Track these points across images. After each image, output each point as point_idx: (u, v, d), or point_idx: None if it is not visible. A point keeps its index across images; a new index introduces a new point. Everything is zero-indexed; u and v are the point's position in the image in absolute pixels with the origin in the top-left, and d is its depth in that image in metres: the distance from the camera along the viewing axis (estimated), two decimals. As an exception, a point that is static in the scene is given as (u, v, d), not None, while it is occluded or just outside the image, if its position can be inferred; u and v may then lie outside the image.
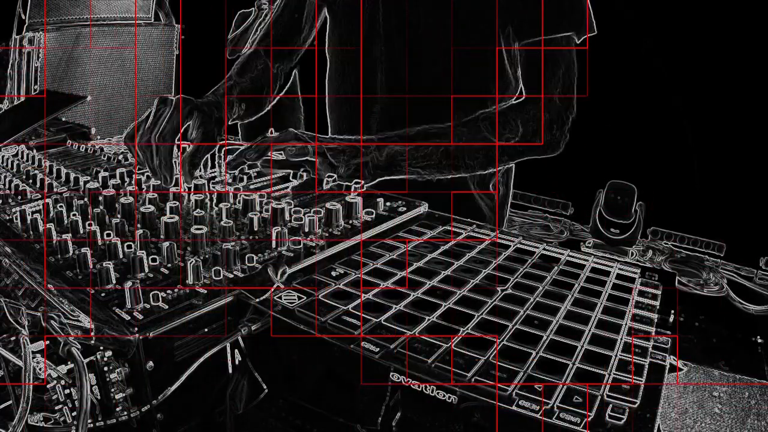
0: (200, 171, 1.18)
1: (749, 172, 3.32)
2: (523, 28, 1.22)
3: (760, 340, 2.78)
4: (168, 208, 0.92)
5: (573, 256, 0.88)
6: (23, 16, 3.68)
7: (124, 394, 0.61)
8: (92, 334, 0.62)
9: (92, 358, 0.60)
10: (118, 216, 0.91)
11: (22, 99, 2.80)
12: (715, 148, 3.38)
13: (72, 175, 1.12)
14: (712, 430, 2.08)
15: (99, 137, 1.62)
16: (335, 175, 1.13)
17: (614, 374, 0.58)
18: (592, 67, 1.26)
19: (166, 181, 1.04)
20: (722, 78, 3.31)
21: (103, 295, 0.69)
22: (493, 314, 0.69)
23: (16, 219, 0.91)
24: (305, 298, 0.70)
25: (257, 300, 0.69)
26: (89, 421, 0.57)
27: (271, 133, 1.13)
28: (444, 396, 0.54)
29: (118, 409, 0.61)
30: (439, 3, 1.25)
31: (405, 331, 0.63)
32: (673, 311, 0.73)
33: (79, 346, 0.59)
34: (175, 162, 1.05)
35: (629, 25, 3.35)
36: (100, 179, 1.08)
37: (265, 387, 0.68)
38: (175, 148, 1.05)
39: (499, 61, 1.28)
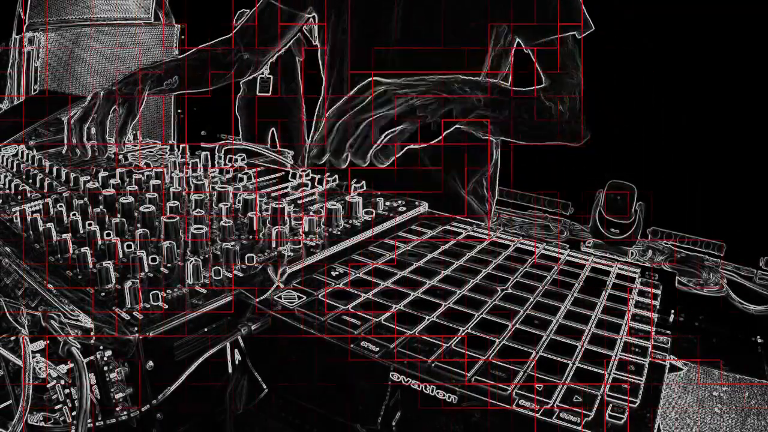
0: (200, 171, 1.18)
1: (749, 172, 3.32)
2: (529, 32, 1.25)
3: (760, 340, 2.78)
4: (168, 208, 0.92)
5: (573, 256, 0.88)
6: (23, 16, 3.67)
7: (123, 394, 0.61)
8: (92, 334, 0.62)
9: (92, 357, 0.60)
10: (118, 216, 0.91)
11: (22, 99, 2.80)
12: (715, 148, 3.38)
13: (72, 175, 1.12)
14: (712, 430, 2.08)
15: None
16: (336, 175, 1.13)
17: (614, 374, 0.58)
18: (592, 67, 1.27)
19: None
20: (722, 77, 3.31)
21: (103, 295, 0.69)
22: (493, 314, 0.69)
23: (16, 219, 0.91)
24: (305, 298, 0.70)
25: (257, 300, 0.69)
26: (89, 421, 0.57)
27: (272, 133, 1.12)
28: (444, 396, 0.54)
29: (118, 408, 0.61)
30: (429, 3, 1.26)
31: (405, 331, 0.63)
32: (673, 311, 0.73)
33: (79, 346, 0.59)
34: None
35: (629, 25, 3.35)
36: (100, 179, 1.08)
37: (265, 387, 0.68)
38: None
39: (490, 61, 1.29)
